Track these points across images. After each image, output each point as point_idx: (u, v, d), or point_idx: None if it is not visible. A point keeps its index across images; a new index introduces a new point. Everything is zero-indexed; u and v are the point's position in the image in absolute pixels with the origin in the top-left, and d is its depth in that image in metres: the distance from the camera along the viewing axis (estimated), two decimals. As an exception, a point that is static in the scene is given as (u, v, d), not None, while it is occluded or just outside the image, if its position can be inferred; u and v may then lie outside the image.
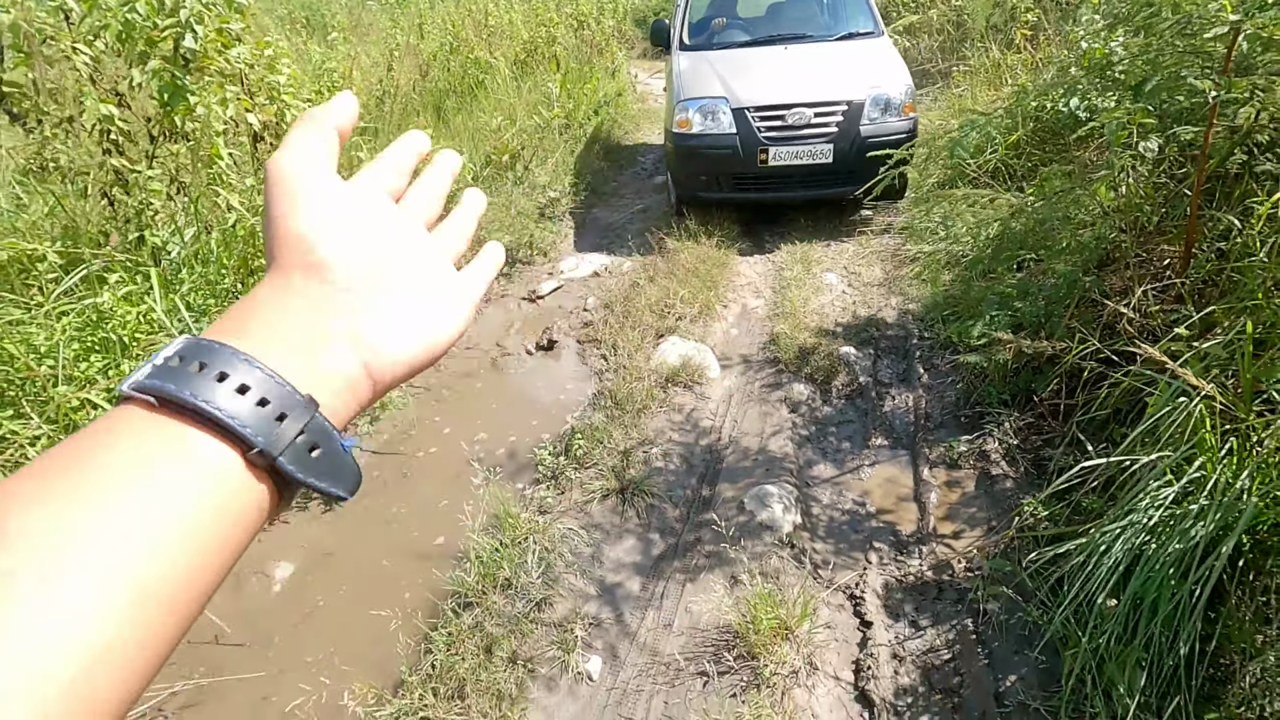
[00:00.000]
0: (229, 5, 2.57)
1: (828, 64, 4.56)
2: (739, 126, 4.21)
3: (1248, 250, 2.11)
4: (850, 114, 4.17)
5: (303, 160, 0.37)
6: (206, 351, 0.30)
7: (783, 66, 4.55)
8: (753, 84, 4.33)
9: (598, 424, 2.76)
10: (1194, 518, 1.46)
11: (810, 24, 5.18)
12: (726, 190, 4.39)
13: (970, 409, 2.76)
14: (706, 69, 4.58)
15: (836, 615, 1.99)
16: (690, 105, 4.33)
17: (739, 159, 4.22)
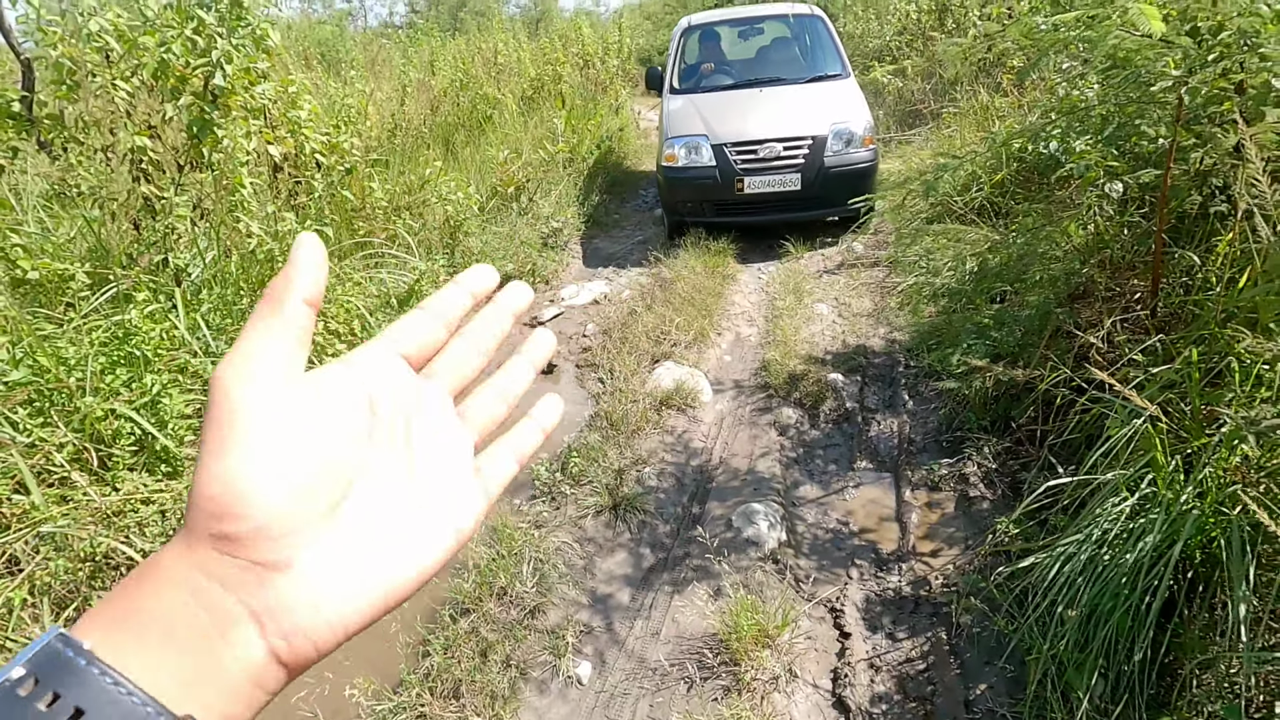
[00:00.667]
0: (257, 46, 2.76)
1: (797, 103, 5.16)
2: (718, 159, 4.82)
3: (1209, 285, 2.25)
4: (815, 147, 4.75)
5: (250, 374, 0.30)
6: (63, 672, 0.25)
7: (757, 107, 5.16)
8: (730, 123, 4.96)
9: (593, 444, 2.87)
10: (1143, 531, 1.57)
11: (787, 67, 5.80)
12: (710, 215, 4.99)
13: (952, 434, 2.87)
14: (692, 110, 5.21)
15: (817, 627, 2.08)
16: (676, 142, 4.95)
17: (718, 187, 4.82)
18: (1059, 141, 3.64)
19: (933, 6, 7.83)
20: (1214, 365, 1.88)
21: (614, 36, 10.49)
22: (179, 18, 2.54)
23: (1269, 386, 1.73)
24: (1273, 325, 1.70)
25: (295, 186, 3.15)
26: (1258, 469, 1.61)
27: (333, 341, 2.87)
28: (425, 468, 0.35)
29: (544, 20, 18.57)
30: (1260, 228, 1.78)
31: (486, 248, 4.55)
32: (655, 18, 18.62)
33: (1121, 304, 2.66)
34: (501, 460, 0.39)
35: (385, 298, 3.35)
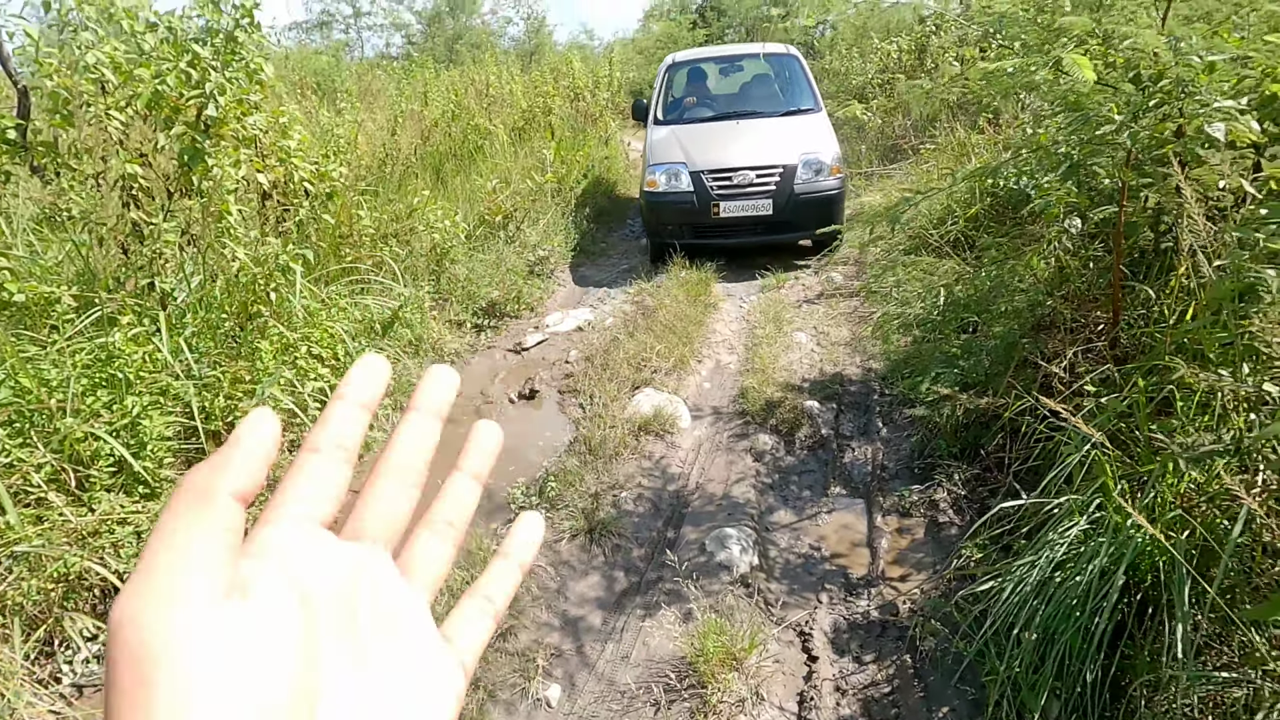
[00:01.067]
0: (250, 78, 2.85)
1: (770, 135, 5.51)
2: (695, 185, 5.16)
3: (1164, 317, 2.34)
4: (786, 175, 5.09)
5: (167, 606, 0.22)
6: None
7: (734, 137, 5.52)
8: (708, 152, 5.31)
9: (571, 468, 2.91)
10: (1091, 554, 1.62)
11: (764, 102, 6.19)
12: (689, 237, 5.31)
13: (923, 461, 2.93)
14: (673, 140, 5.56)
15: (785, 650, 2.11)
16: (658, 169, 5.31)
17: (696, 211, 5.16)
18: (1028, 177, 3.78)
19: (912, 47, 8.09)
20: (1162, 394, 1.96)
21: (604, 70, 10.74)
22: (175, 51, 2.63)
23: (1213, 414, 1.80)
24: (1212, 357, 1.78)
25: (283, 213, 3.22)
26: (1201, 493, 1.68)
27: (315, 366, 2.91)
28: (386, 664, 0.28)
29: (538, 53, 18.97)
30: (1202, 264, 1.87)
31: (472, 275, 4.62)
32: (647, 52, 19.06)
33: (1084, 335, 2.75)
34: (473, 621, 0.33)
35: (369, 323, 3.40)
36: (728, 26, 19.69)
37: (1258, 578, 1.56)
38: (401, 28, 22.32)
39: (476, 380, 3.90)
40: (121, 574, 2.14)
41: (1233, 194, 2.01)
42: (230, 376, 2.62)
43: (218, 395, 2.58)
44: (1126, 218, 2.45)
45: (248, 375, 2.68)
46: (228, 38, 2.77)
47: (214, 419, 2.58)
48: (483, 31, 21.00)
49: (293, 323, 2.93)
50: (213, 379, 2.60)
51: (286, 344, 2.85)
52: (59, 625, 2.02)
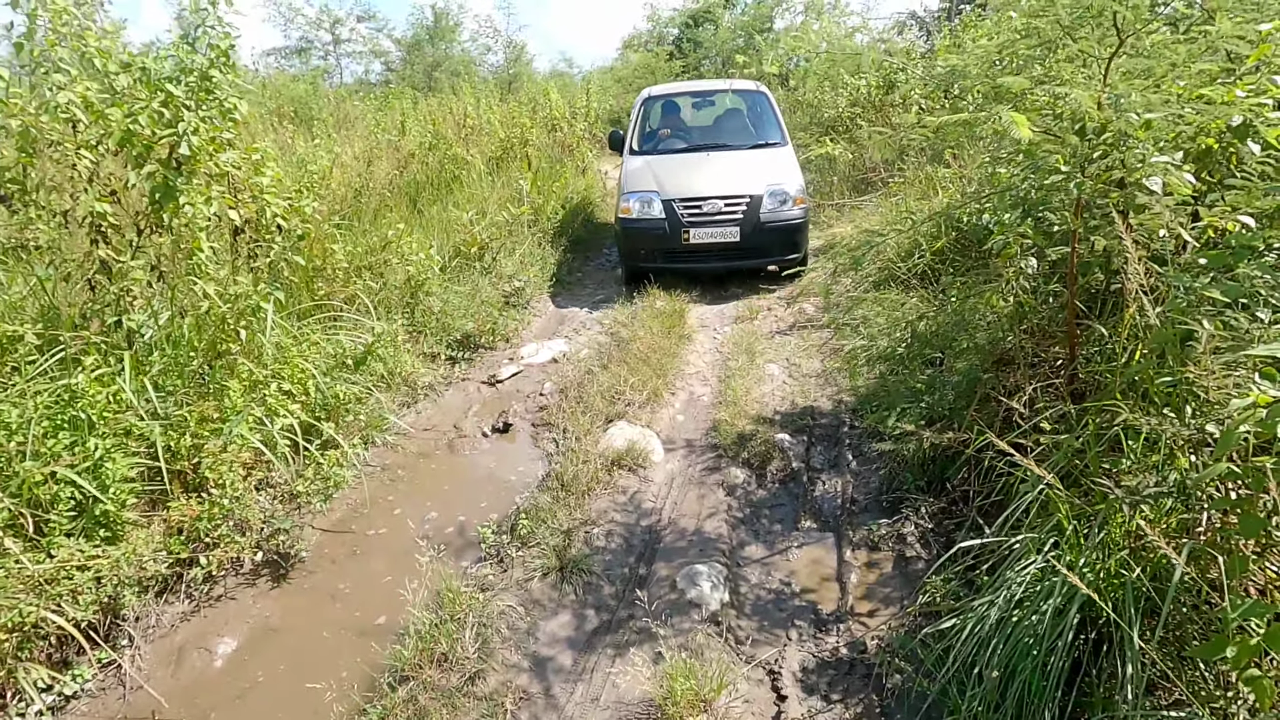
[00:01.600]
0: (224, 117, 2.87)
1: (739, 166, 5.84)
2: (667, 213, 5.48)
3: (1115, 356, 2.42)
4: (752, 204, 5.41)
5: None
6: None
7: (705, 168, 5.86)
8: (680, 181, 5.63)
9: (543, 505, 2.91)
10: (1046, 593, 1.67)
11: (735, 135, 6.52)
12: (660, 262, 5.59)
13: (891, 494, 2.97)
14: (647, 170, 5.85)
15: (755, 689, 2.12)
16: (631, 196, 5.61)
17: (667, 237, 5.47)
18: (990, 215, 3.90)
19: (880, 82, 8.33)
20: (1113, 433, 2.03)
21: (582, 101, 10.89)
22: (148, 90, 2.64)
23: (1159, 452, 1.87)
24: (1157, 398, 1.85)
25: (255, 249, 3.21)
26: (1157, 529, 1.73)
27: (285, 403, 2.89)
28: None
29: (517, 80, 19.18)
30: (1147, 308, 1.95)
31: (447, 307, 4.62)
32: (625, 81, 19.36)
33: (1043, 371, 2.83)
34: None
35: (341, 358, 3.38)
36: (704, 58, 20.10)
37: (1207, 613, 1.61)
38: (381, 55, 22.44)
39: (450, 413, 3.89)
40: (80, 622, 2.09)
41: (1174, 240, 2.10)
42: (197, 415, 2.59)
43: (184, 434, 2.55)
44: (1079, 259, 2.54)
45: (216, 413, 2.65)
46: (202, 76, 2.79)
47: (180, 459, 2.55)
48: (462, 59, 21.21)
49: (263, 360, 2.92)
50: (179, 418, 2.57)
51: (256, 381, 2.83)
52: (11, 677, 1.97)
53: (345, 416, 3.27)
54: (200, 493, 2.59)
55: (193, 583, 2.50)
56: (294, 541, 2.73)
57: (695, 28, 21.15)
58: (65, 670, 2.12)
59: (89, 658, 2.17)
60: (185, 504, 2.48)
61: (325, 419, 3.09)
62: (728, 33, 19.95)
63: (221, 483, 2.56)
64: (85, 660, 2.17)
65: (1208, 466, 1.72)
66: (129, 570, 2.25)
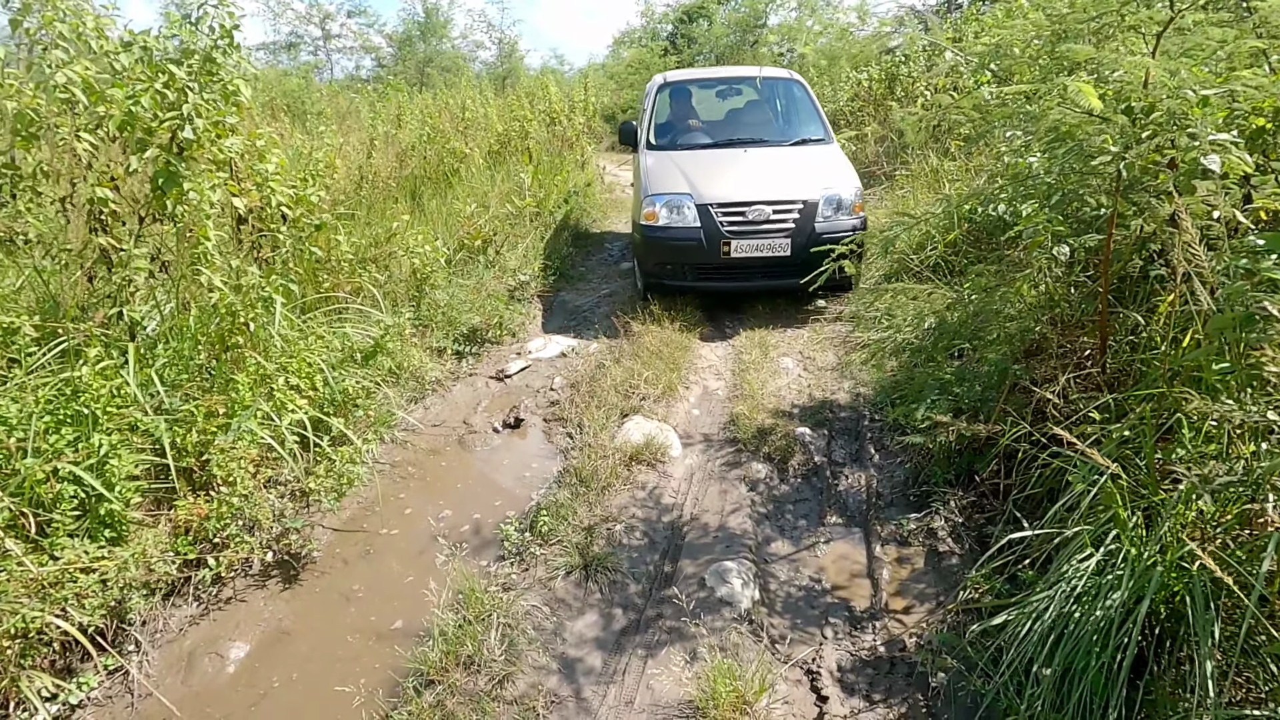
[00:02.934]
0: (227, 100, 2.76)
1: (784, 166, 5.00)
2: (703, 221, 4.57)
3: (1153, 343, 2.36)
4: (806, 212, 4.56)
5: None
6: None
7: (744, 167, 4.96)
8: (716, 182, 4.71)
9: (562, 501, 2.82)
10: (1110, 587, 1.60)
11: (766, 130, 5.70)
12: (690, 279, 4.70)
13: (918, 488, 2.91)
14: (672, 167, 4.98)
15: (794, 690, 2.04)
16: (658, 200, 4.69)
17: (703, 250, 4.56)
18: (1006, 205, 3.84)
19: (882, 76, 8.29)
20: (1164, 421, 1.96)
21: (580, 95, 10.79)
22: (150, 71, 2.53)
23: (1217, 442, 1.81)
24: (1216, 384, 1.78)
25: (259, 239, 3.10)
26: (1213, 524, 1.67)
27: (293, 397, 2.79)
28: None
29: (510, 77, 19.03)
30: (1199, 291, 1.89)
31: (453, 300, 4.52)
32: (619, 78, 19.26)
33: (1074, 360, 2.77)
34: None
35: (349, 352, 3.28)
36: (698, 54, 20.02)
37: (1276, 606, 1.55)
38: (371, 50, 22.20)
39: (459, 409, 3.80)
40: (85, 627, 1.99)
41: (1224, 224, 2.04)
42: (204, 410, 2.48)
43: (190, 430, 2.45)
44: (1114, 245, 2.48)
45: (222, 409, 2.55)
46: (205, 58, 2.68)
47: (187, 455, 2.44)
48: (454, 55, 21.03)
49: (270, 353, 2.81)
50: (186, 413, 2.46)
51: (264, 375, 2.72)
52: (14, 685, 1.86)
53: (355, 412, 3.16)
54: (208, 491, 2.48)
55: (201, 585, 2.39)
56: (305, 541, 2.63)
57: (689, 23, 21.07)
58: (70, 678, 2.02)
59: (95, 664, 2.07)
60: (193, 503, 2.38)
61: (334, 414, 2.98)
62: (721, 29, 19.89)
63: (230, 480, 2.45)
64: (91, 667, 2.07)
65: (1273, 455, 1.65)
66: (136, 572, 2.14)
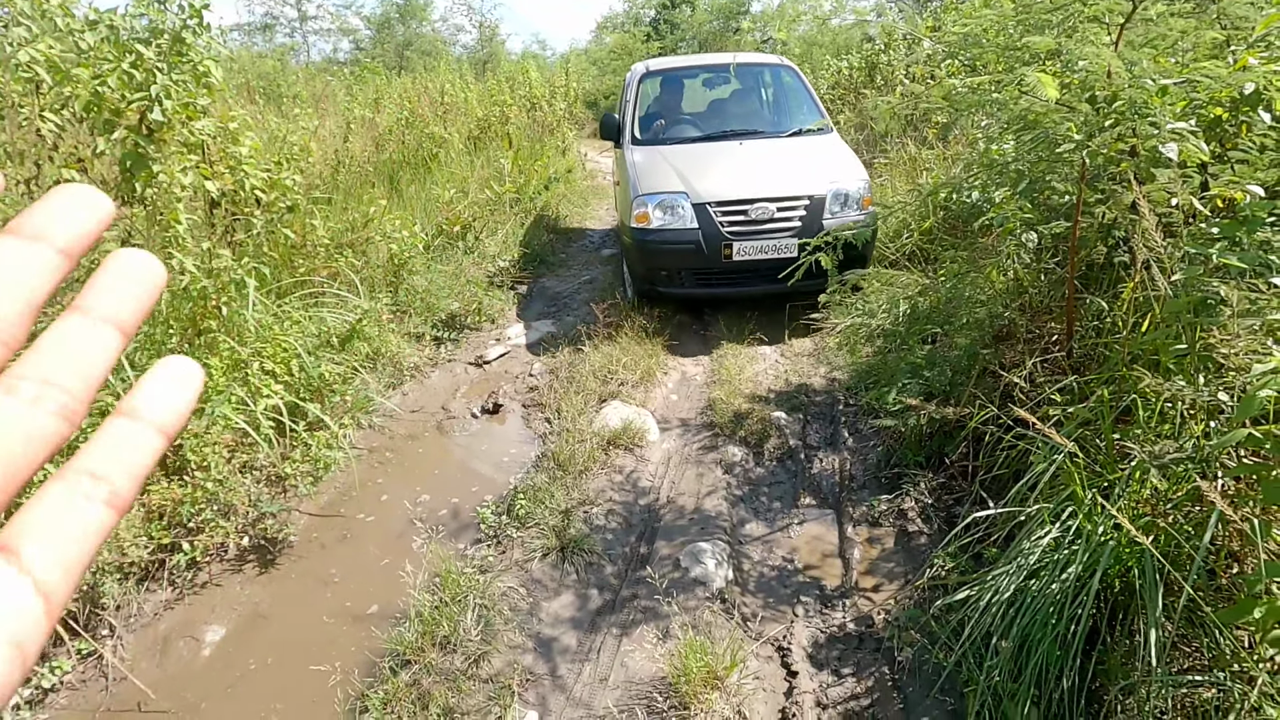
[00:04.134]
0: (197, 81, 2.72)
1: (785, 159, 4.61)
2: (701, 221, 4.17)
3: (1116, 328, 2.43)
4: (812, 208, 4.18)
5: None
6: None
7: (741, 161, 4.57)
8: (713, 178, 4.32)
9: (540, 485, 2.85)
10: (1066, 562, 1.66)
11: (759, 120, 5.31)
12: (688, 286, 4.30)
13: (890, 470, 2.97)
14: (663, 163, 4.56)
15: (764, 666, 2.09)
16: (650, 200, 4.26)
17: (702, 254, 4.16)
18: (980, 192, 3.90)
19: (862, 64, 8.31)
20: (1122, 404, 2.03)
21: (561, 80, 10.71)
22: (117, 51, 2.48)
23: (1171, 422, 1.87)
24: (1171, 366, 1.84)
25: (233, 223, 3.07)
26: (1165, 500, 1.73)
27: (268, 382, 2.78)
28: None
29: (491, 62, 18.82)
30: (1157, 277, 1.95)
31: (432, 286, 4.51)
32: (601, 63, 19.14)
33: (1041, 345, 2.84)
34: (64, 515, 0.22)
35: (325, 336, 3.27)
36: (680, 40, 19.93)
37: (1221, 578, 1.62)
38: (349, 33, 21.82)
39: (438, 395, 3.80)
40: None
41: (1182, 211, 2.10)
42: (177, 395, 2.46)
43: (163, 415, 2.43)
44: (1080, 232, 2.54)
45: (196, 393, 2.53)
46: (174, 38, 2.64)
47: (159, 440, 2.43)
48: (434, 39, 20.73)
49: (244, 338, 2.79)
50: (158, 398, 2.44)
51: (237, 360, 2.71)
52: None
53: (331, 397, 3.16)
54: (182, 475, 2.47)
55: (175, 569, 2.39)
56: (281, 526, 2.63)
57: (672, 9, 20.95)
58: (43, 662, 2.01)
59: (68, 648, 2.06)
60: (166, 487, 2.37)
61: (310, 399, 2.97)
62: (705, 14, 19.80)
63: (205, 465, 2.45)
64: (64, 651, 2.06)
65: (1223, 433, 1.72)
66: (109, 556, 2.14)
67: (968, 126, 5.36)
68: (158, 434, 0.24)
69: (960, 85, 1.99)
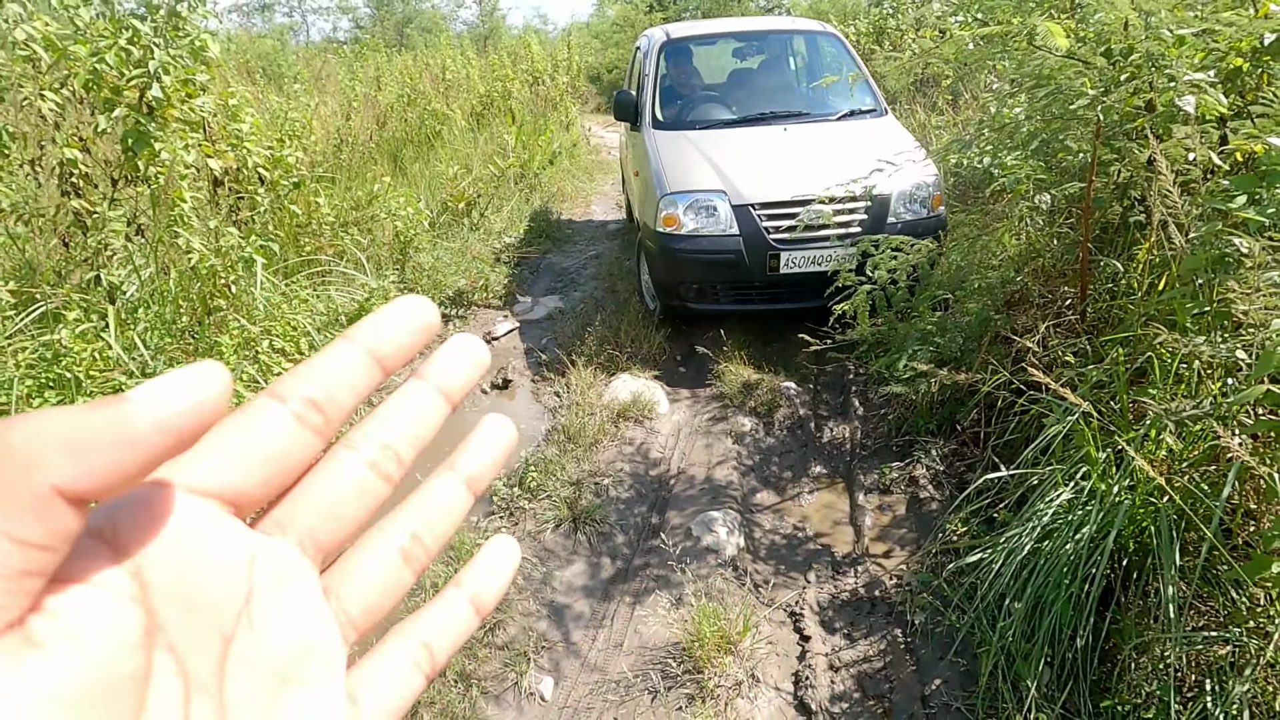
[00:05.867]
0: (195, 57, 2.69)
1: (839, 149, 3.79)
2: (743, 226, 3.44)
3: (1132, 290, 2.39)
4: (876, 211, 3.44)
5: None
6: None
7: (788, 152, 3.78)
8: (756, 174, 3.58)
9: (551, 457, 2.86)
10: (1080, 522, 1.65)
11: (802, 99, 4.44)
12: (725, 302, 3.60)
13: (901, 438, 2.96)
14: (694, 154, 3.79)
15: (777, 631, 2.11)
16: (679, 200, 3.52)
17: (744, 266, 3.45)
18: (991, 156, 3.83)
19: (870, 29, 8.15)
20: (1139, 365, 2.00)
21: (563, 54, 10.56)
22: (113, 27, 2.46)
23: (1187, 383, 1.85)
24: (1189, 325, 1.81)
25: (237, 201, 3.06)
26: (1181, 459, 1.72)
27: (279, 361, 2.79)
28: None
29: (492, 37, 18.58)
30: (1174, 236, 1.91)
31: (438, 263, 4.50)
32: (604, 36, 18.85)
33: (1054, 309, 2.80)
34: (398, 674, 0.24)
35: (333, 314, 3.27)
36: (684, 10, 19.57)
37: (1239, 537, 1.61)
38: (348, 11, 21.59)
39: (447, 371, 3.80)
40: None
41: (1199, 167, 2.05)
42: (188, 373, 2.48)
43: (175, 394, 2.45)
44: (1094, 192, 2.49)
45: (207, 372, 2.54)
46: (170, 13, 2.61)
47: (173, 419, 2.45)
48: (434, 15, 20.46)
49: (253, 316, 2.80)
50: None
51: (248, 338, 2.72)
52: None
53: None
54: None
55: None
56: (296, 501, 2.66)
57: (674, -22, 20.51)
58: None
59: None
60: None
61: (321, 377, 2.99)
62: (708, -17, 19.39)
63: (218, 442, 2.46)
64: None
65: (1240, 391, 1.69)
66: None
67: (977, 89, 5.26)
68: (474, 611, 0.27)
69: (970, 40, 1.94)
